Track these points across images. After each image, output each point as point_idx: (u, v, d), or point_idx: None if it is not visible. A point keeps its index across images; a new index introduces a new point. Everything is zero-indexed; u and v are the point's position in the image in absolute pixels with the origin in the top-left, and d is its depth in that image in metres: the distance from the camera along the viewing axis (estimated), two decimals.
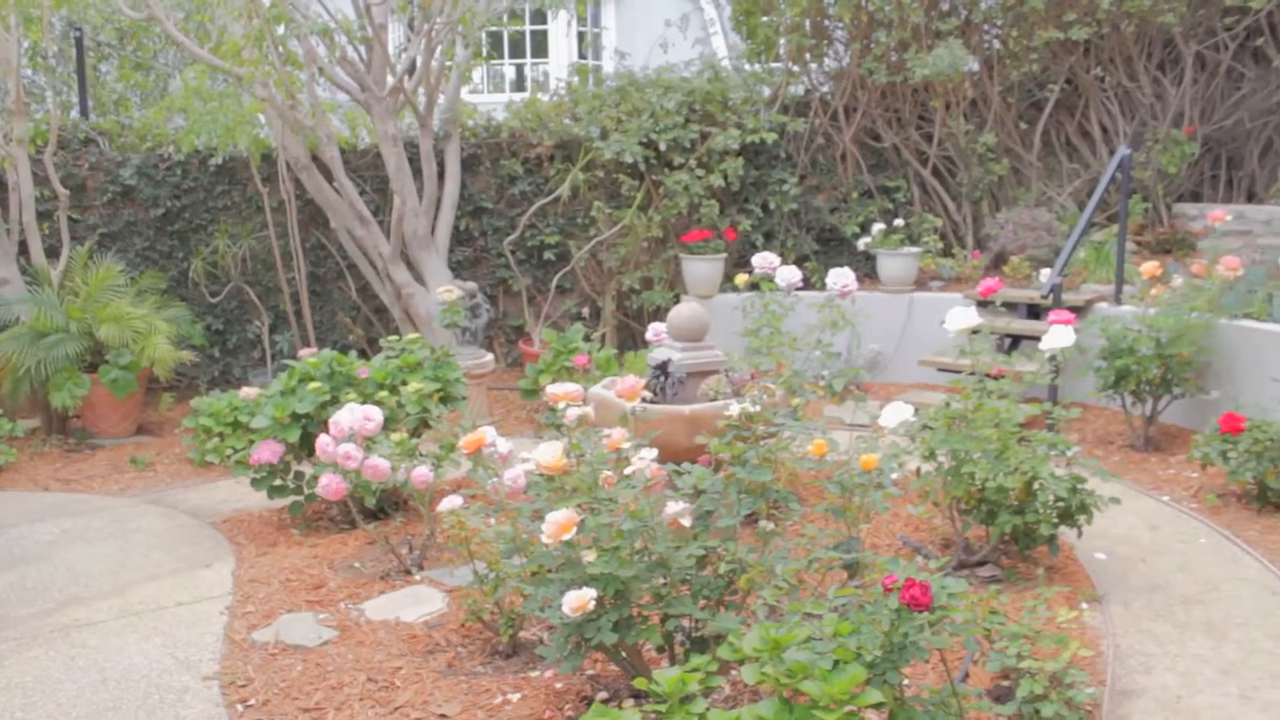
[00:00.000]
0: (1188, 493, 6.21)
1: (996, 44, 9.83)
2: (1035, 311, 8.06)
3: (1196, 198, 9.92)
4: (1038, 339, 6.96)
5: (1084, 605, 4.67)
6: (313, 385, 5.83)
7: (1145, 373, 6.76)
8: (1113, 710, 3.86)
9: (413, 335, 6.56)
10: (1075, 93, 9.88)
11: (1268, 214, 8.76)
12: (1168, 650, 4.31)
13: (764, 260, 6.61)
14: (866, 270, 9.47)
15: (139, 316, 8.15)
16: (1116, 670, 4.15)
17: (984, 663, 3.77)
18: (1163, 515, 5.87)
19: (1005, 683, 3.87)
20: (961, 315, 5.02)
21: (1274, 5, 9.13)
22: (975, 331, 5.12)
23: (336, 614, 4.77)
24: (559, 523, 3.40)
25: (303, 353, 6.22)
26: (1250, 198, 9.79)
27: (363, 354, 9.08)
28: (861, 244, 9.37)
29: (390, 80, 8.57)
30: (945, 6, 9.63)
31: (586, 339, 8.03)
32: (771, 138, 9.36)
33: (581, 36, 14.07)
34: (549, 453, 3.64)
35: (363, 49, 8.69)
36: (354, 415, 4.95)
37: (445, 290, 7.58)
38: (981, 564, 5.04)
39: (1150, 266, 7.39)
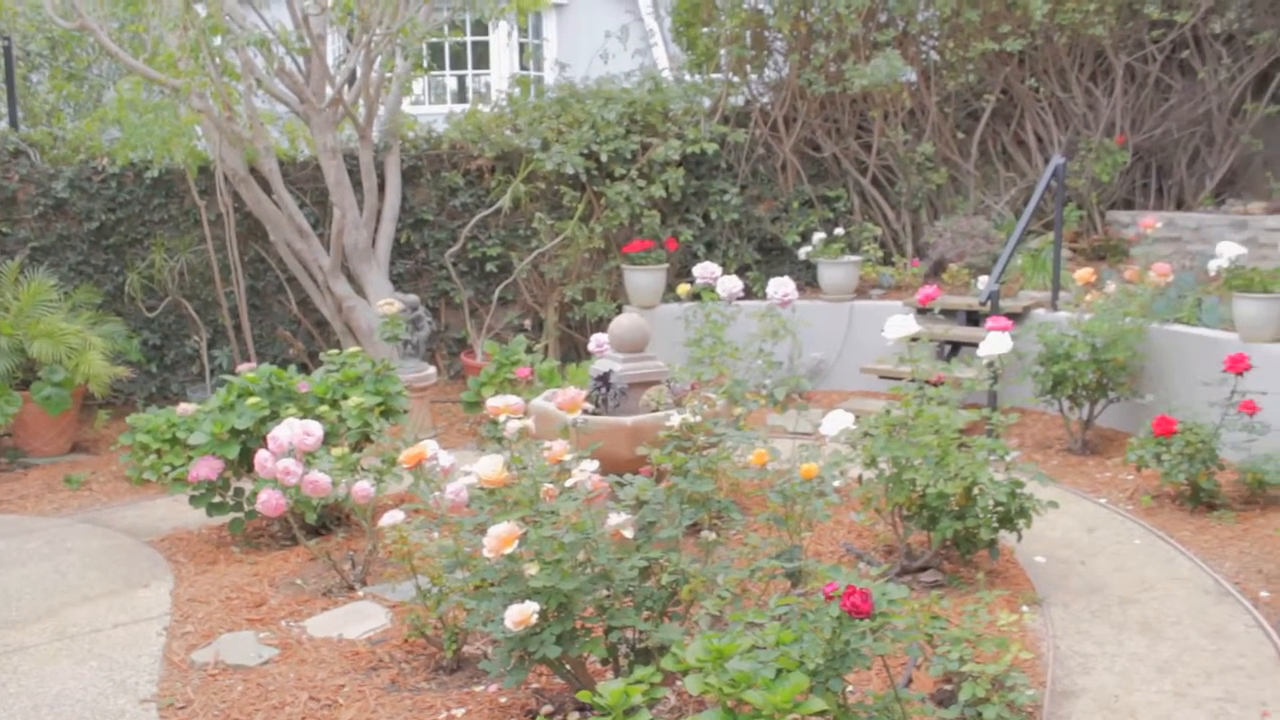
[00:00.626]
0: (1124, 495, 6.32)
1: (933, 55, 9.96)
2: (974, 318, 8.15)
3: (1129, 205, 10.11)
4: (977, 345, 7.05)
5: (1024, 608, 4.73)
6: (252, 400, 5.75)
7: (1081, 378, 6.87)
8: (1053, 711, 3.91)
9: (353, 349, 6.51)
10: (1010, 103, 10.03)
11: (1196, 221, 8.95)
12: (1106, 650, 4.38)
13: (705, 270, 6.66)
14: (808, 279, 9.53)
15: (73, 332, 8.01)
16: (1056, 671, 4.21)
17: (927, 667, 3.80)
18: (1100, 517, 5.97)
19: (948, 686, 3.91)
20: (900, 323, 5.08)
21: (1199, 19, 9.35)
22: (915, 339, 5.18)
23: (278, 632, 4.71)
24: (500, 536, 3.39)
25: (241, 367, 6.14)
26: (1180, 205, 10.00)
27: (303, 368, 8.99)
28: (802, 253, 9.44)
29: (329, 92, 8.51)
30: (883, 18, 9.74)
31: (529, 351, 8.02)
32: (712, 148, 9.40)
33: (523, 48, 14.05)
34: (489, 466, 3.63)
35: (301, 60, 8.62)
36: (293, 430, 4.89)
37: (385, 303, 7.53)
38: (924, 569, 5.08)
39: (1085, 273, 7.52)
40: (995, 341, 5.37)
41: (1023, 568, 5.24)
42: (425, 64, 9.66)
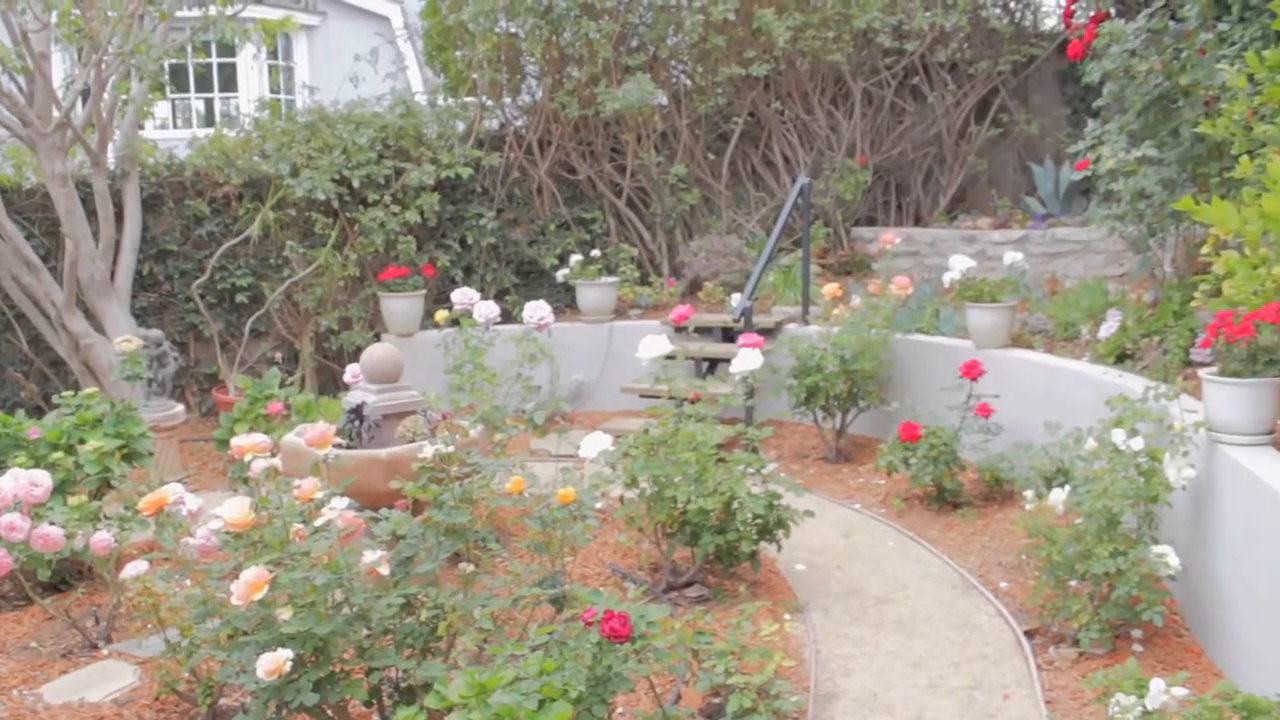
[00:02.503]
0: (876, 499, 6.60)
1: (684, 79, 10.21)
2: (730, 335, 8.32)
3: (871, 222, 10.63)
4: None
5: (787, 616, 4.87)
6: None
7: (833, 388, 7.14)
8: (817, 714, 4.03)
9: (92, 389, 6.11)
10: (758, 125, 10.39)
11: (932, 236, 9.48)
12: (864, 651, 4.55)
13: (463, 296, 6.59)
14: (567, 301, 9.57)
15: None
16: (819, 675, 4.34)
17: (695, 683, 3.85)
18: (855, 522, 6.21)
19: (716, 700, 3.97)
20: (653, 343, 5.15)
21: (926, 48, 9.94)
22: (670, 357, 5.26)
23: (9, 703, 4.34)
24: (249, 582, 3.23)
25: None
26: (917, 221, 10.58)
27: (38, 411, 8.38)
28: (560, 275, 9.47)
29: (56, 115, 7.98)
30: (633, 43, 9.91)
31: (284, 384, 7.72)
32: (467, 172, 9.32)
33: (272, 70, 13.61)
34: (235, 508, 3.46)
35: (23, 80, 8.06)
36: (18, 481, 4.54)
37: (124, 340, 7.10)
38: (689, 585, 5.16)
39: (832, 288, 7.83)
40: (747, 358, 5.53)
41: (784, 576, 5.39)
42: (166, 86, 9.20)
